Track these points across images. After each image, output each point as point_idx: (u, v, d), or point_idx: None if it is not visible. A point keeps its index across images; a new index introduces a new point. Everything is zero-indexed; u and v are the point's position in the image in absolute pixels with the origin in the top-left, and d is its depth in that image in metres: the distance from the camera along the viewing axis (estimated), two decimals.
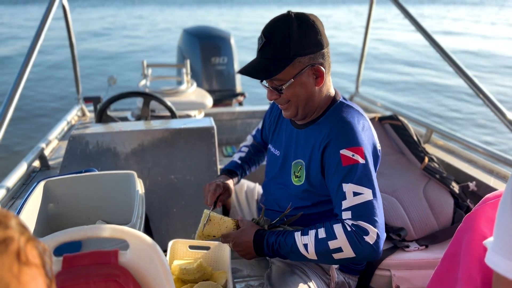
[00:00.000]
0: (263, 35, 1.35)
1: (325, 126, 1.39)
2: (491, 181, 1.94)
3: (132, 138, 1.95)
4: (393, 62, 12.49)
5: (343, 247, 1.25)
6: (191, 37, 4.26)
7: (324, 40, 1.36)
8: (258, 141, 1.86)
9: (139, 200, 1.46)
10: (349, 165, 1.29)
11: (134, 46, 15.25)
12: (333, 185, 1.33)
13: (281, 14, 1.36)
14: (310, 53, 1.32)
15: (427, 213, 1.78)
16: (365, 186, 1.28)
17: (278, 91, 1.37)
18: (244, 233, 1.40)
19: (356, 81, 3.51)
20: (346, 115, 1.38)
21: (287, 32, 1.30)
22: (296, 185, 1.48)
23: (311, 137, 1.43)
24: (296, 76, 1.33)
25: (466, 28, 19.79)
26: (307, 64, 1.33)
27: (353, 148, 1.30)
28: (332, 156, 1.33)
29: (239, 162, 1.80)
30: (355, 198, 1.27)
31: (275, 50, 1.32)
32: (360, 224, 1.25)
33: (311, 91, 1.38)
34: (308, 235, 1.31)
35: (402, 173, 1.95)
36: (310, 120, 1.46)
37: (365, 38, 3.32)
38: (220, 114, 3.31)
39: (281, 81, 1.35)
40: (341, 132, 1.33)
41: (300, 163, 1.47)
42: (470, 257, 1.16)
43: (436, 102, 8.35)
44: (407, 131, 2.12)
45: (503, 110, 1.97)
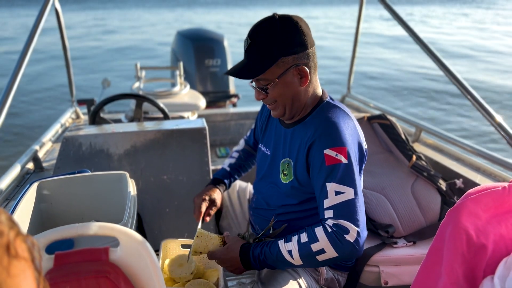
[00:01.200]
0: (248, 37, 1.39)
1: (311, 125, 1.42)
2: (478, 178, 1.98)
3: (125, 139, 1.98)
4: (384, 62, 12.56)
5: (325, 248, 1.29)
6: (184, 39, 4.28)
7: (309, 41, 1.39)
8: (252, 142, 1.89)
9: (131, 200, 1.48)
10: (332, 165, 1.33)
11: (128, 48, 15.25)
12: (317, 184, 1.37)
13: (266, 17, 1.40)
14: (293, 53, 1.36)
15: (414, 210, 1.82)
16: (347, 185, 1.32)
17: (264, 91, 1.41)
18: (229, 249, 1.42)
19: (348, 82, 3.54)
20: (332, 115, 1.41)
21: (270, 33, 1.34)
22: (284, 183, 1.51)
23: (297, 136, 1.47)
24: (281, 76, 1.37)
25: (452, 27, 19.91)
26: (291, 64, 1.36)
27: (337, 148, 1.34)
28: (317, 155, 1.36)
29: (228, 170, 1.85)
30: (336, 197, 1.31)
31: (259, 51, 1.36)
32: (340, 223, 1.29)
33: (297, 90, 1.41)
34: (291, 241, 1.35)
35: (390, 171, 1.99)
36: (297, 119, 1.49)
37: (355, 39, 3.36)
38: (214, 116, 3.34)
39: (266, 81, 1.38)
40: (325, 132, 1.37)
41: (287, 161, 1.50)
42: (452, 250, 1.20)
43: (426, 103, 8.42)
44: (396, 130, 2.15)
45: (491, 112, 2.01)
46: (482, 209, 1.21)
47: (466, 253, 1.17)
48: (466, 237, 1.17)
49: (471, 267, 1.18)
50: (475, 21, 22.47)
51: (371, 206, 1.82)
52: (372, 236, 1.76)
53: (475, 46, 14.57)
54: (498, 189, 1.24)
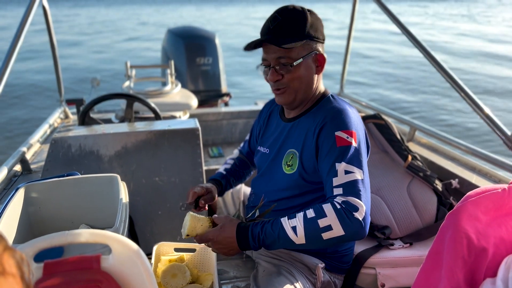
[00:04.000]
0: (277, 14, 1.41)
1: (319, 114, 1.44)
2: (474, 178, 1.97)
3: (116, 140, 1.93)
4: (378, 60, 12.61)
5: (333, 224, 1.25)
6: (175, 38, 4.23)
7: (324, 34, 1.48)
8: (246, 151, 1.87)
9: (123, 204, 1.44)
10: (343, 146, 1.34)
11: (117, 47, 15.11)
12: (326, 164, 1.36)
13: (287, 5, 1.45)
14: (317, 40, 1.43)
15: (411, 211, 1.80)
16: (357, 167, 1.33)
17: (287, 68, 1.41)
18: (224, 229, 1.35)
19: (341, 81, 3.53)
20: (339, 104, 1.45)
21: (301, 15, 1.41)
22: (288, 173, 1.49)
23: (304, 126, 1.48)
24: (304, 57, 1.41)
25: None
26: (313, 49, 1.43)
27: (348, 131, 1.36)
28: (328, 137, 1.37)
29: (224, 173, 1.82)
30: (346, 176, 1.31)
31: (290, 28, 1.40)
32: (350, 200, 1.27)
33: (312, 77, 1.46)
34: (296, 218, 1.30)
35: (386, 171, 1.97)
36: (303, 111, 1.51)
37: (349, 37, 3.34)
38: (206, 115, 3.30)
39: (289, 59, 1.40)
40: (336, 116, 1.39)
41: (292, 152, 1.49)
42: (452, 254, 1.18)
43: (420, 99, 8.46)
44: (391, 130, 2.13)
45: (480, 105, 2.00)
46: (482, 211, 1.20)
47: (466, 256, 1.15)
48: (466, 240, 1.15)
49: (471, 271, 1.16)
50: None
51: None
52: (368, 237, 1.74)
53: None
54: (498, 191, 1.22)
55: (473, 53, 13.45)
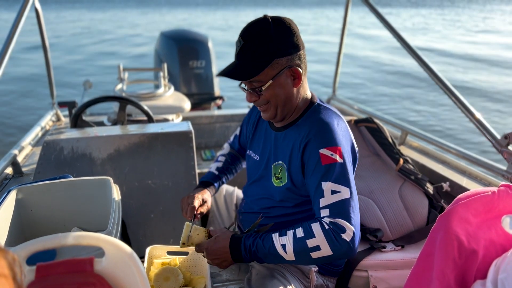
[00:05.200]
0: (241, 37, 1.36)
1: (304, 127, 1.41)
2: (464, 181, 1.99)
3: (108, 143, 1.93)
4: (369, 65, 12.69)
5: (321, 245, 1.27)
6: (168, 41, 4.23)
7: (300, 42, 1.39)
8: (236, 147, 1.86)
9: (115, 207, 1.44)
10: (328, 164, 1.32)
11: (111, 49, 15.05)
12: (312, 183, 1.35)
13: (257, 18, 1.38)
14: (287, 55, 1.35)
15: (402, 214, 1.82)
16: (343, 185, 1.31)
17: (257, 92, 1.39)
18: (218, 239, 1.40)
19: (333, 84, 3.55)
20: (324, 116, 1.41)
21: (264, 34, 1.33)
22: (277, 186, 1.49)
23: (290, 139, 1.45)
24: (275, 77, 1.36)
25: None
26: (285, 66, 1.36)
27: (332, 148, 1.33)
28: (312, 155, 1.35)
29: (216, 173, 1.80)
30: (333, 196, 1.30)
31: (253, 52, 1.34)
32: (337, 221, 1.28)
33: (290, 92, 1.40)
34: (286, 236, 1.32)
35: (378, 175, 1.98)
36: (288, 122, 1.48)
37: (341, 41, 3.36)
38: (199, 118, 3.30)
39: (260, 82, 1.37)
40: (320, 132, 1.36)
41: (280, 164, 1.48)
42: (443, 256, 1.19)
43: (412, 104, 8.53)
44: (382, 134, 2.15)
45: (471, 109, 2.02)
46: (472, 214, 1.21)
47: (457, 258, 1.17)
48: (457, 242, 1.17)
49: (462, 273, 1.17)
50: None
51: (359, 210, 1.81)
52: (360, 240, 1.75)
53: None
54: (488, 194, 1.24)
55: (461, 56, 13.60)
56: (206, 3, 40.97)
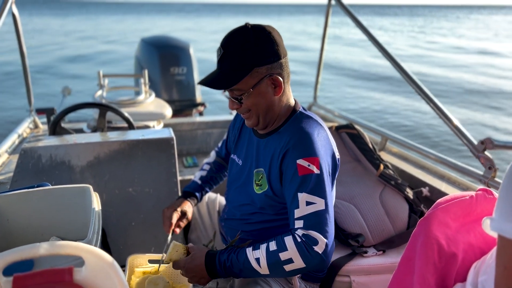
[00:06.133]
0: (221, 47, 1.37)
1: (285, 135, 1.42)
2: (443, 186, 2.03)
3: (88, 150, 1.90)
4: (350, 72, 12.85)
5: (294, 257, 1.28)
6: (149, 47, 4.21)
7: (282, 51, 1.39)
8: (223, 154, 1.86)
9: (95, 215, 1.41)
10: (304, 175, 1.32)
11: (90, 55, 14.88)
12: (289, 193, 1.36)
13: (238, 26, 1.39)
14: (267, 63, 1.35)
15: (383, 218, 1.83)
16: (318, 196, 1.31)
17: (238, 101, 1.39)
18: (194, 257, 1.40)
19: (314, 91, 3.58)
20: (305, 126, 1.41)
21: (244, 43, 1.33)
22: (257, 193, 1.49)
23: (271, 146, 1.45)
24: (255, 86, 1.36)
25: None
26: (265, 74, 1.36)
27: (310, 159, 1.33)
28: (290, 165, 1.35)
29: (199, 183, 1.80)
30: (307, 207, 1.31)
31: (233, 61, 1.35)
32: (310, 233, 1.28)
33: (271, 100, 1.41)
34: (259, 249, 1.33)
35: (359, 180, 2.00)
36: (271, 129, 1.49)
37: (322, 48, 3.40)
38: (180, 125, 3.28)
39: (240, 91, 1.37)
40: (298, 142, 1.36)
41: (261, 171, 1.48)
42: (424, 260, 1.21)
43: (392, 110, 8.67)
44: (363, 139, 2.18)
45: (450, 117, 2.06)
46: (451, 218, 1.23)
47: (437, 262, 1.18)
48: (437, 246, 1.18)
49: (442, 276, 1.19)
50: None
51: (341, 216, 1.82)
52: (342, 245, 1.76)
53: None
54: (466, 198, 1.26)
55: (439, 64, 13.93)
56: (190, 10, 40.97)
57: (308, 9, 43.93)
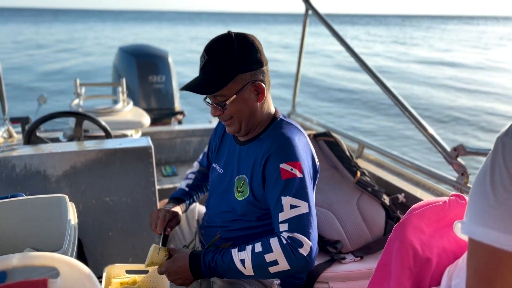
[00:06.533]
0: (205, 53, 1.38)
1: (266, 141, 1.44)
2: (418, 192, 2.07)
3: (64, 160, 1.87)
4: (327, 81, 13.03)
5: (279, 259, 1.28)
6: (127, 55, 4.18)
7: (264, 59, 1.42)
8: (205, 164, 1.86)
9: (71, 225, 1.39)
10: (288, 179, 1.34)
11: (67, 64, 14.66)
12: (272, 197, 1.37)
13: (221, 34, 1.41)
14: (251, 70, 1.38)
15: (361, 225, 1.86)
16: (302, 199, 1.33)
17: (221, 107, 1.40)
18: (177, 258, 1.39)
19: (293, 100, 3.61)
20: (286, 131, 1.44)
21: (228, 50, 1.35)
22: (239, 200, 1.49)
23: (253, 152, 1.47)
24: (239, 92, 1.38)
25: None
26: (248, 81, 1.38)
27: (292, 163, 1.35)
28: (272, 169, 1.37)
29: (186, 189, 1.79)
30: (292, 210, 1.32)
31: (217, 67, 1.36)
32: (295, 236, 1.29)
33: (253, 106, 1.43)
34: (245, 251, 1.33)
35: (336, 187, 2.03)
36: (252, 136, 1.50)
37: (299, 58, 3.44)
38: (159, 133, 3.26)
39: (224, 97, 1.38)
40: (281, 147, 1.38)
41: (243, 178, 1.49)
42: (400, 265, 1.23)
43: (369, 119, 8.81)
44: (340, 147, 2.21)
45: (425, 125, 2.12)
46: (425, 223, 1.26)
47: (413, 267, 1.21)
48: (412, 251, 1.21)
49: (417, 281, 1.21)
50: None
51: (319, 223, 1.84)
52: (321, 252, 1.78)
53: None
54: (440, 204, 1.30)
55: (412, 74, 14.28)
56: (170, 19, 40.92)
57: (283, 18, 44.66)
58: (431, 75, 15.04)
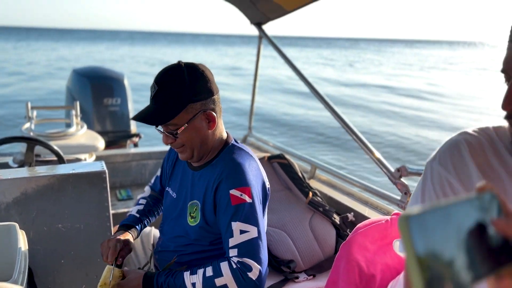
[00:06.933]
0: (155, 83, 1.41)
1: (218, 167, 1.47)
2: (366, 211, 2.17)
3: (14, 186, 1.82)
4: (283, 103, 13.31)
5: (229, 284, 1.32)
6: (81, 78, 4.13)
7: (214, 88, 1.46)
8: (158, 189, 1.86)
9: (21, 254, 1.37)
10: (237, 204, 1.38)
11: (18, 86, 14.14)
12: (223, 223, 1.40)
13: (171, 64, 1.44)
14: (201, 100, 1.42)
15: (313, 244, 1.93)
16: (251, 224, 1.37)
17: (173, 135, 1.43)
18: (130, 279, 1.40)
19: (249, 122, 3.69)
20: (237, 157, 1.48)
21: (179, 80, 1.39)
22: (191, 225, 1.52)
23: (205, 178, 1.50)
24: (190, 121, 1.41)
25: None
26: (199, 110, 1.42)
27: (242, 188, 1.40)
28: (223, 195, 1.41)
29: (137, 216, 1.77)
30: (241, 235, 1.36)
31: (168, 97, 1.39)
32: (244, 261, 1.34)
33: (205, 134, 1.46)
34: (196, 274, 1.37)
35: (289, 208, 2.10)
36: (205, 162, 1.53)
37: (255, 79, 3.53)
38: (114, 156, 3.22)
39: (175, 126, 1.41)
40: (231, 173, 1.42)
41: (195, 203, 1.52)
42: (347, 282, 1.30)
43: (321, 143, 9.12)
44: (293, 169, 2.29)
45: (371, 148, 2.24)
46: (370, 241, 1.34)
47: (358, 284, 1.28)
48: (358, 269, 1.28)
49: None
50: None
51: (273, 243, 1.89)
52: (275, 272, 1.82)
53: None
54: (382, 223, 1.39)
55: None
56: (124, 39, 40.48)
57: (238, 40, 45.72)
58: (371, 98, 15.77)
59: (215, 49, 34.90)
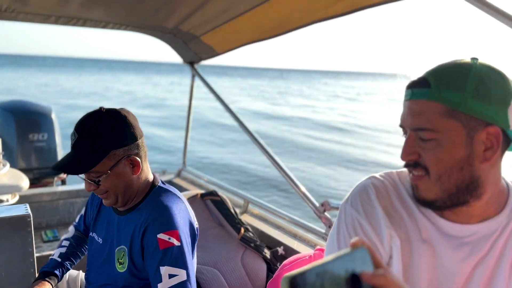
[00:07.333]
0: (75, 131, 1.40)
1: (144, 211, 1.47)
2: (295, 244, 2.26)
3: None
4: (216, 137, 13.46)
5: None
6: (4, 113, 3.94)
7: (138, 132, 1.46)
8: (82, 229, 1.81)
9: None
10: (165, 248, 1.38)
11: None
12: (151, 268, 1.40)
13: (92, 111, 1.43)
14: (124, 146, 1.41)
15: (245, 280, 1.98)
16: (180, 267, 1.38)
17: (95, 182, 1.42)
18: None
19: (183, 157, 3.70)
20: (164, 200, 1.48)
21: (99, 127, 1.38)
22: (120, 272, 1.50)
23: (132, 223, 1.49)
24: (113, 167, 1.40)
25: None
26: (122, 156, 1.41)
27: (169, 232, 1.40)
28: (150, 240, 1.40)
29: (58, 260, 1.72)
30: (170, 280, 1.36)
31: (89, 145, 1.38)
32: None
33: (129, 179, 1.45)
34: None
35: (222, 245, 2.14)
36: (131, 206, 1.52)
37: (188, 113, 3.58)
38: (39, 195, 3.08)
39: (98, 173, 1.40)
40: (158, 217, 1.42)
41: (123, 249, 1.50)
42: None
43: (253, 177, 9.37)
44: (225, 205, 2.35)
45: (297, 183, 2.36)
46: None
47: None
48: None
49: None
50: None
51: (205, 282, 1.91)
52: None
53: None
54: (306, 258, 1.48)
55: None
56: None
57: (173, 68, 46.07)
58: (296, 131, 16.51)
59: (147, 78, 34.72)
